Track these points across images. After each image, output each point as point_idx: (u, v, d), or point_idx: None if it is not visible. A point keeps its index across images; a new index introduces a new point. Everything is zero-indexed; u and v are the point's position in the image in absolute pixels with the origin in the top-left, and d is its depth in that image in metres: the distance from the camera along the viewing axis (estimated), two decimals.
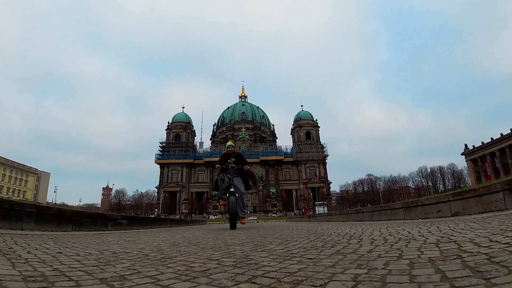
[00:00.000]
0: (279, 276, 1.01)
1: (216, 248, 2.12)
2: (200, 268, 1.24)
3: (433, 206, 6.10)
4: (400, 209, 7.25)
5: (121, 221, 8.25)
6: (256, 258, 1.50)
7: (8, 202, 4.84)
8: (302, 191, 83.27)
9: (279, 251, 1.74)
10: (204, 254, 1.75)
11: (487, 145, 58.25)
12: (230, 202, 6.17)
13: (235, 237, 3.17)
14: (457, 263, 1.02)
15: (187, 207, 79.74)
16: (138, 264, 1.42)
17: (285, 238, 2.75)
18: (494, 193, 4.64)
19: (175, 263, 1.41)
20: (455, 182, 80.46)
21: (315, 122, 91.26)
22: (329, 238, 2.58)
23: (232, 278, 1.01)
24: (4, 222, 4.32)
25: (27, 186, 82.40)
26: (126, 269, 1.27)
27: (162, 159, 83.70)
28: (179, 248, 2.20)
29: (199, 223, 23.44)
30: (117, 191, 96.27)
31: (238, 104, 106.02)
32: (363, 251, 1.56)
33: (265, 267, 1.20)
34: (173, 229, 8.94)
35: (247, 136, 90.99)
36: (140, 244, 2.71)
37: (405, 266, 1.05)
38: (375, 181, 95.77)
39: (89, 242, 2.94)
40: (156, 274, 1.15)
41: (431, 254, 1.27)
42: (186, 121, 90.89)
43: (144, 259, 1.60)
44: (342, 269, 1.06)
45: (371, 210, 9.14)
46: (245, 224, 7.42)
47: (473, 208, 5.00)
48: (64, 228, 5.61)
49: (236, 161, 6.97)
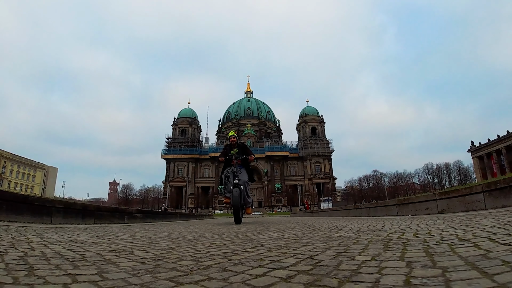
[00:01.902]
0: (271, 247, 1.62)
1: (227, 234, 2.74)
2: (220, 244, 1.86)
3: (422, 204, 6.61)
4: (393, 206, 7.80)
5: (136, 215, 8.96)
6: (257, 239, 2.12)
7: (40, 200, 5.51)
8: (307, 187, 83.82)
9: (275, 236, 2.35)
10: (219, 238, 2.36)
11: (493, 142, 57.71)
12: (234, 195, 5.88)
13: (241, 228, 3.80)
14: (383, 243, 1.61)
15: (193, 202, 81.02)
16: (175, 243, 2.04)
17: (282, 228, 3.37)
18: (475, 194, 5.05)
19: (201, 242, 2.03)
20: (461, 179, 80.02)
21: (320, 117, 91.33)
22: (318, 229, 3.18)
23: (241, 248, 1.62)
24: (36, 217, 4.96)
25: (35, 181, 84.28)
26: (169, 245, 1.89)
27: (168, 154, 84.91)
28: (198, 235, 2.82)
29: (206, 217, 24.24)
30: (124, 185, 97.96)
31: (244, 100, 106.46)
32: (335, 236, 2.15)
33: (263, 243, 1.82)
34: (184, 222, 9.64)
35: (252, 131, 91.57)
36: (165, 232, 3.34)
37: (352, 243, 1.64)
38: (380, 177, 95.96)
39: (122, 232, 3.59)
40: (192, 246, 1.77)
41: (378, 238, 1.86)
42: (192, 116, 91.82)
43: (177, 241, 2.22)
44: (311, 244, 1.66)
45: (368, 206, 9.70)
46: (250, 213, 7.18)
47: (457, 207, 5.41)
48: (87, 222, 6.28)
49: (240, 151, 6.72)
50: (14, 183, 75.33)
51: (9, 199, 4.56)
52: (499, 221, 2.14)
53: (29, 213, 4.80)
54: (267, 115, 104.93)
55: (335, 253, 1.25)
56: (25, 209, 4.77)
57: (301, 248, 1.50)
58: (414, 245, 1.36)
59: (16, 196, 4.86)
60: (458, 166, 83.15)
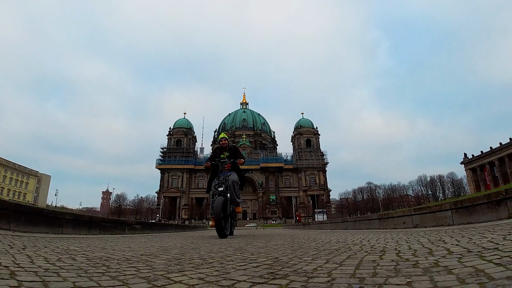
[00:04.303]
0: (253, 252, 2.29)
1: (222, 244, 3.39)
2: (217, 250, 2.52)
3: (400, 218, 7.26)
4: (376, 220, 8.47)
5: (136, 226, 9.49)
6: (246, 248, 2.78)
7: (53, 212, 6.07)
8: (301, 199, 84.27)
9: (260, 245, 3.02)
10: (216, 247, 3.01)
11: (486, 154, 58.62)
12: (216, 203, 5.01)
13: (234, 239, 4.44)
14: (332, 250, 2.29)
15: (186, 213, 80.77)
16: (183, 250, 2.68)
17: (268, 240, 4.03)
18: (444, 210, 5.51)
19: (203, 250, 2.68)
20: (454, 191, 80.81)
21: (315, 130, 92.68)
22: (298, 240, 3.84)
23: (233, 253, 2.28)
24: (50, 228, 5.52)
25: (28, 188, 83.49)
26: (180, 251, 2.53)
27: (163, 164, 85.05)
28: (198, 245, 3.45)
29: (200, 228, 24.65)
30: (117, 195, 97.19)
31: (239, 111, 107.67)
32: (305, 246, 2.82)
33: (249, 250, 2.49)
34: (181, 233, 10.19)
35: (247, 142, 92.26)
36: (169, 242, 3.96)
37: (311, 250, 2.31)
38: (374, 189, 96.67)
39: (132, 242, 4.20)
40: (197, 252, 2.42)
41: (333, 248, 2.53)
42: (188, 127, 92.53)
43: (183, 249, 2.85)
44: (283, 251, 2.33)
45: (354, 220, 10.39)
46: (240, 211, 6.44)
47: (429, 222, 5.87)
48: (93, 232, 6.83)
49: (230, 155, 6.01)
50: (7, 189, 74.38)
51: (27, 211, 5.13)
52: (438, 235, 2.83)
53: (44, 224, 5.36)
54: (263, 126, 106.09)
55: (293, 256, 1.92)
56: (40, 221, 5.33)
57: (274, 253, 2.17)
58: (352, 252, 2.04)
59: (33, 209, 5.42)
60: (451, 178, 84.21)
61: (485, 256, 1.31)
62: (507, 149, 52.96)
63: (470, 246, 1.70)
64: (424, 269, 1.13)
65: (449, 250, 1.64)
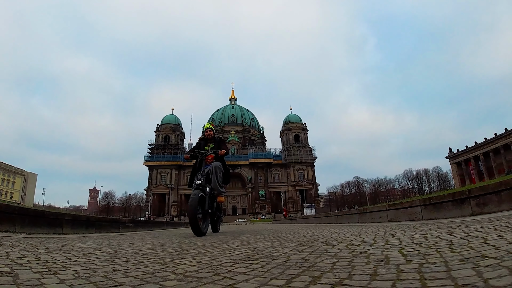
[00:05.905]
0: (238, 244, 2.81)
1: (212, 239, 3.89)
2: (209, 244, 3.02)
3: (376, 213, 7.87)
4: (355, 215, 9.13)
5: (129, 224, 9.90)
6: (233, 241, 3.30)
7: (53, 214, 6.43)
8: (290, 193, 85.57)
9: (245, 239, 3.55)
10: (207, 241, 3.51)
11: (472, 149, 59.94)
12: (191, 198, 4.49)
13: (224, 235, 4.95)
14: (304, 241, 2.83)
15: (176, 210, 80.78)
16: (179, 245, 3.16)
17: (254, 234, 4.56)
18: (414, 206, 5.95)
19: (196, 244, 3.17)
20: (440, 184, 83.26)
21: (303, 125, 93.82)
22: (280, 234, 4.38)
23: (222, 246, 2.79)
24: (51, 229, 5.89)
25: (14, 187, 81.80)
26: (177, 246, 3.01)
27: (151, 161, 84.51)
28: (192, 240, 3.93)
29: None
30: (105, 193, 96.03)
31: (228, 107, 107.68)
32: (283, 239, 3.36)
33: (235, 243, 3.02)
34: (173, 230, 10.65)
35: (236, 138, 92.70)
36: (166, 239, 4.43)
37: (286, 242, 2.85)
38: (362, 183, 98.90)
39: (132, 239, 4.65)
40: (192, 246, 2.92)
41: (305, 239, 3.07)
42: (176, 123, 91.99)
43: (180, 244, 3.34)
44: (263, 243, 2.86)
45: (336, 214, 11.07)
46: (223, 201, 5.88)
47: (401, 217, 6.33)
48: (90, 231, 7.21)
49: (215, 147, 5.62)
50: None
51: (31, 214, 5.50)
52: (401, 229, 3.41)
53: (46, 225, 5.74)
54: (251, 122, 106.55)
55: (269, 246, 2.45)
56: (42, 222, 5.70)
57: (254, 245, 2.70)
58: (316, 243, 2.58)
59: (36, 211, 5.79)
60: (437, 172, 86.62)
61: (403, 249, 1.72)
62: (492, 144, 54.11)
63: (404, 240, 2.20)
64: (353, 255, 1.65)
65: (388, 243, 2.16)
